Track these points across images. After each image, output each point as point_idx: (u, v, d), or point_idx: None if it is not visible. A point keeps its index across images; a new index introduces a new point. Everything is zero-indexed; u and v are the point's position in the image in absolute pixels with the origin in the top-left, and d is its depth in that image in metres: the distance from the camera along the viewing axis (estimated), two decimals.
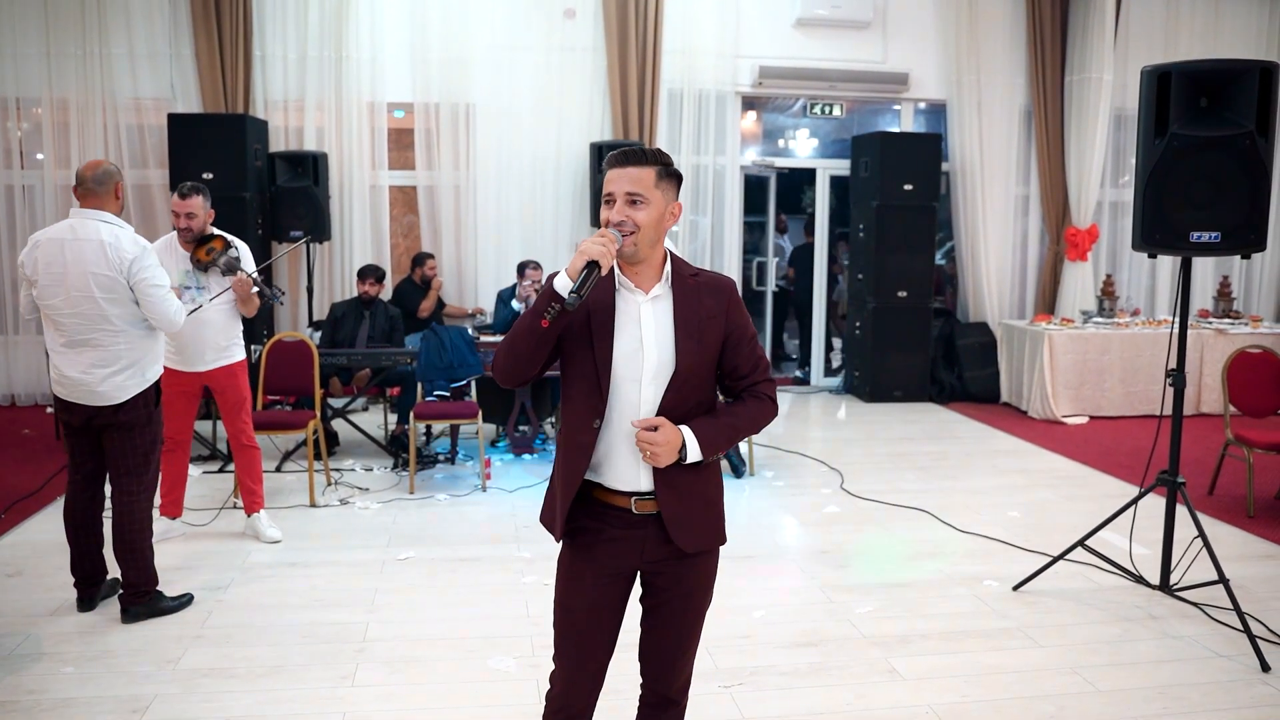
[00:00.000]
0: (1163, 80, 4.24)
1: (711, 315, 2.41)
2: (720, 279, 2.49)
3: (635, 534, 2.41)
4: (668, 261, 2.44)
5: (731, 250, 9.50)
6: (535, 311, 2.30)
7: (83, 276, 4.01)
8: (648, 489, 2.39)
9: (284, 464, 6.75)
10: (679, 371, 2.37)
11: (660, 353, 2.37)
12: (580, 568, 2.45)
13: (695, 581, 2.50)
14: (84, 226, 4.05)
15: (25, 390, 8.70)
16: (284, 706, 3.52)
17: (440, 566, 4.96)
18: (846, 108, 9.75)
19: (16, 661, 3.82)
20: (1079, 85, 9.38)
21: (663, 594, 2.49)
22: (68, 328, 4.06)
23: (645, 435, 2.32)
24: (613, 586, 2.46)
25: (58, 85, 8.33)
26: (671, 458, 2.34)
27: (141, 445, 4.21)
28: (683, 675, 2.59)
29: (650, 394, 2.37)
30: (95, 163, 4.17)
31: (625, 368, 2.37)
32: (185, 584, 4.60)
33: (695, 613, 2.52)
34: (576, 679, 2.50)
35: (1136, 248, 4.40)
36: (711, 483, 2.49)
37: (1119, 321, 8.90)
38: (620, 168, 2.36)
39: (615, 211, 2.34)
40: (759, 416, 2.49)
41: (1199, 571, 4.54)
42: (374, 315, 7.30)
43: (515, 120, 8.87)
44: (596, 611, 2.45)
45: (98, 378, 4.07)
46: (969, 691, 3.69)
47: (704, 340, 2.40)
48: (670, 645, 2.53)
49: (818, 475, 6.80)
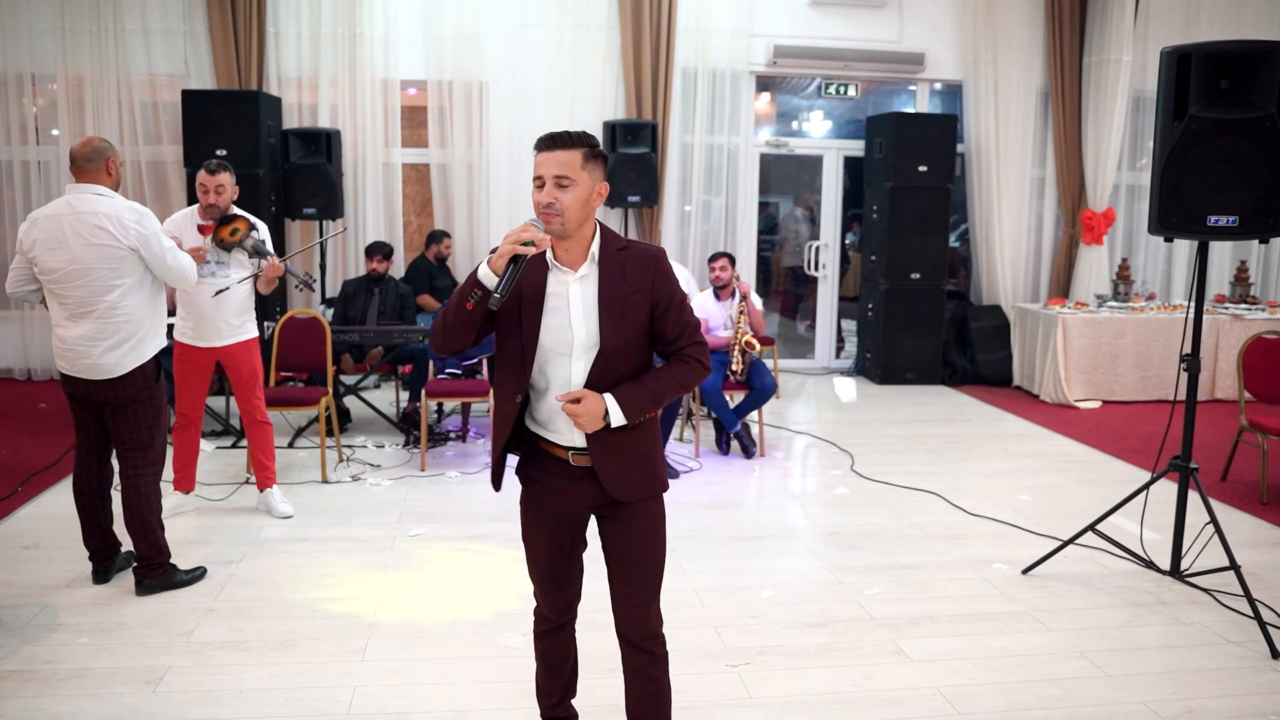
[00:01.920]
0: (1183, 61, 4.19)
1: (635, 290, 2.57)
2: (649, 250, 2.64)
3: (576, 484, 2.66)
4: (596, 239, 2.59)
5: (747, 231, 9.46)
6: (461, 293, 2.50)
7: (84, 249, 4.03)
8: (582, 445, 2.62)
9: (296, 440, 6.78)
10: (603, 348, 2.56)
11: (588, 330, 2.56)
12: (533, 512, 2.74)
13: (643, 526, 2.69)
14: (81, 201, 4.07)
15: (42, 365, 8.75)
16: (295, 680, 3.55)
17: (450, 543, 4.99)
18: (861, 88, 9.69)
19: (34, 632, 3.86)
20: (1098, 66, 9.30)
21: (615, 539, 2.70)
22: (70, 301, 4.09)
23: (569, 408, 2.52)
24: (563, 528, 2.72)
25: (72, 62, 8.34)
26: (597, 424, 2.54)
27: (145, 420, 4.23)
28: (649, 625, 2.75)
29: (579, 367, 2.57)
30: (87, 140, 4.19)
31: (555, 344, 2.57)
32: (198, 558, 4.63)
33: (650, 560, 2.71)
34: (555, 602, 2.81)
35: (1153, 231, 4.37)
36: (643, 438, 2.68)
37: (1134, 306, 8.85)
38: (548, 151, 2.49)
39: (545, 194, 2.48)
40: (685, 378, 2.66)
41: (1210, 558, 4.53)
42: (384, 292, 7.30)
43: (528, 98, 8.84)
44: (552, 549, 2.73)
45: (98, 350, 4.09)
46: (976, 674, 3.70)
47: (627, 316, 2.57)
48: (632, 590, 2.70)
49: (828, 456, 6.80)
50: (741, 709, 3.43)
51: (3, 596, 4.11)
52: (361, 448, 6.72)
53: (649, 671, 2.76)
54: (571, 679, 2.99)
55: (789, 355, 10.22)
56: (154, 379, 4.26)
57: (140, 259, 4.16)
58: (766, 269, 11.06)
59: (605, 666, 3.64)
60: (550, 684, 2.95)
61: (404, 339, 6.87)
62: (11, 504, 5.36)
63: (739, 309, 6.65)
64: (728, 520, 5.44)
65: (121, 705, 3.34)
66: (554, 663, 2.92)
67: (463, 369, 6.75)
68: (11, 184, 8.51)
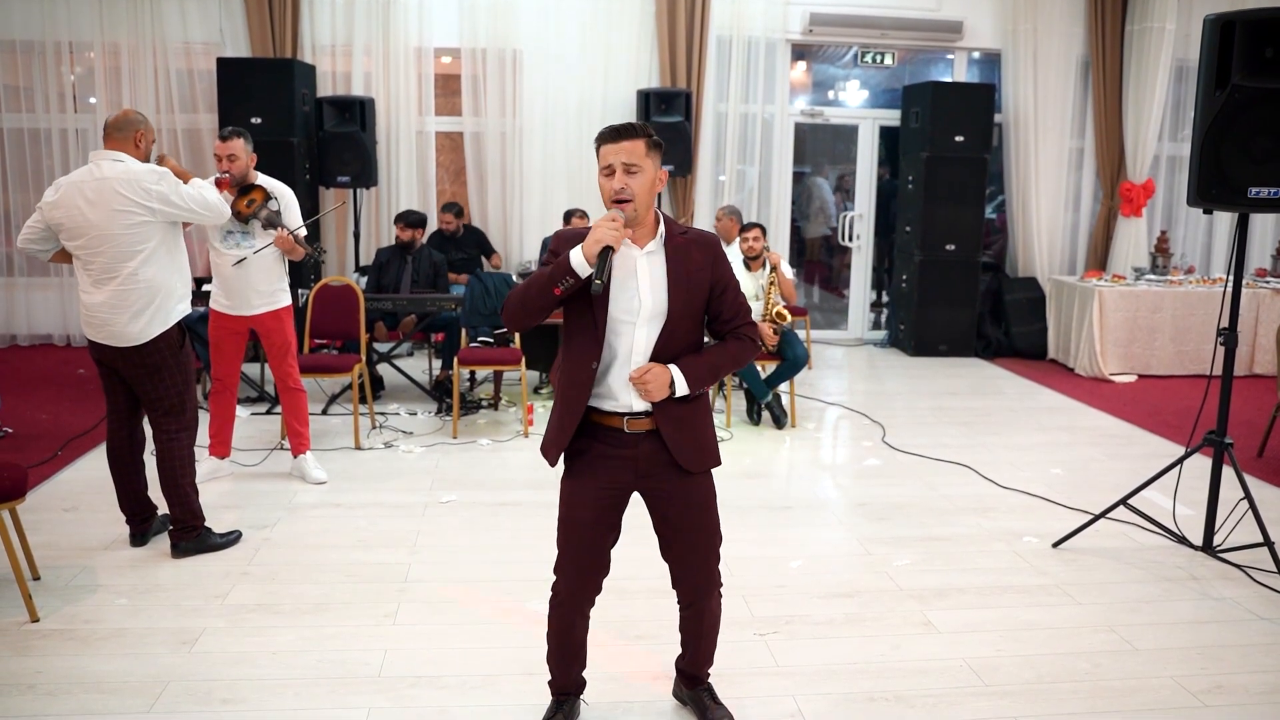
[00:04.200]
0: (1226, 29, 4.10)
1: (699, 268, 2.75)
2: (707, 236, 2.82)
3: (628, 451, 2.77)
4: (660, 222, 2.76)
5: (781, 201, 9.41)
6: (551, 278, 2.63)
7: (106, 215, 4.05)
8: (640, 409, 2.74)
9: (330, 407, 6.85)
10: (670, 317, 2.71)
11: (654, 301, 2.71)
12: (581, 486, 2.81)
13: (700, 497, 2.86)
14: (101, 168, 4.10)
15: (79, 331, 8.84)
16: (328, 643, 3.61)
17: (481, 510, 5.03)
18: (898, 57, 9.57)
19: (74, 592, 3.95)
20: (1140, 35, 9.11)
21: (671, 511, 2.84)
22: (94, 267, 4.12)
23: (639, 376, 2.68)
24: (610, 502, 2.81)
25: (109, 30, 8.40)
26: (663, 393, 2.70)
27: (174, 385, 4.26)
28: (712, 578, 2.96)
29: (643, 336, 2.72)
30: (124, 111, 4.23)
31: (623, 313, 2.71)
32: (233, 522, 4.71)
33: (709, 526, 2.89)
34: (584, 579, 2.88)
35: (1192, 203, 4.30)
36: (701, 411, 2.85)
37: (1172, 279, 8.72)
38: (614, 142, 2.66)
39: (616, 180, 2.65)
40: (740, 354, 2.85)
41: (1243, 534, 4.49)
42: (417, 260, 7.33)
43: (562, 66, 8.80)
44: (598, 519, 2.81)
45: (123, 318, 4.12)
46: (1004, 646, 3.69)
47: (692, 290, 2.74)
48: (696, 559, 2.90)
49: (859, 428, 6.78)
50: (768, 677, 3.45)
51: (44, 558, 4.19)
52: (394, 415, 6.78)
53: (707, 604, 2.99)
54: (581, 650, 3.05)
55: (823, 326, 10.19)
56: (179, 345, 4.29)
57: (164, 223, 4.18)
58: (800, 240, 10.99)
59: (632, 634, 3.68)
60: (560, 653, 3.03)
61: (437, 307, 6.91)
62: (52, 467, 5.46)
63: (770, 280, 6.62)
64: (758, 490, 5.44)
65: (158, 664, 3.41)
66: (566, 641, 3.00)
67: (495, 337, 6.78)
68: (51, 152, 8.61)
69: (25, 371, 7.83)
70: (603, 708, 3.20)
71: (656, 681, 3.37)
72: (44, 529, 4.57)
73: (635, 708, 3.23)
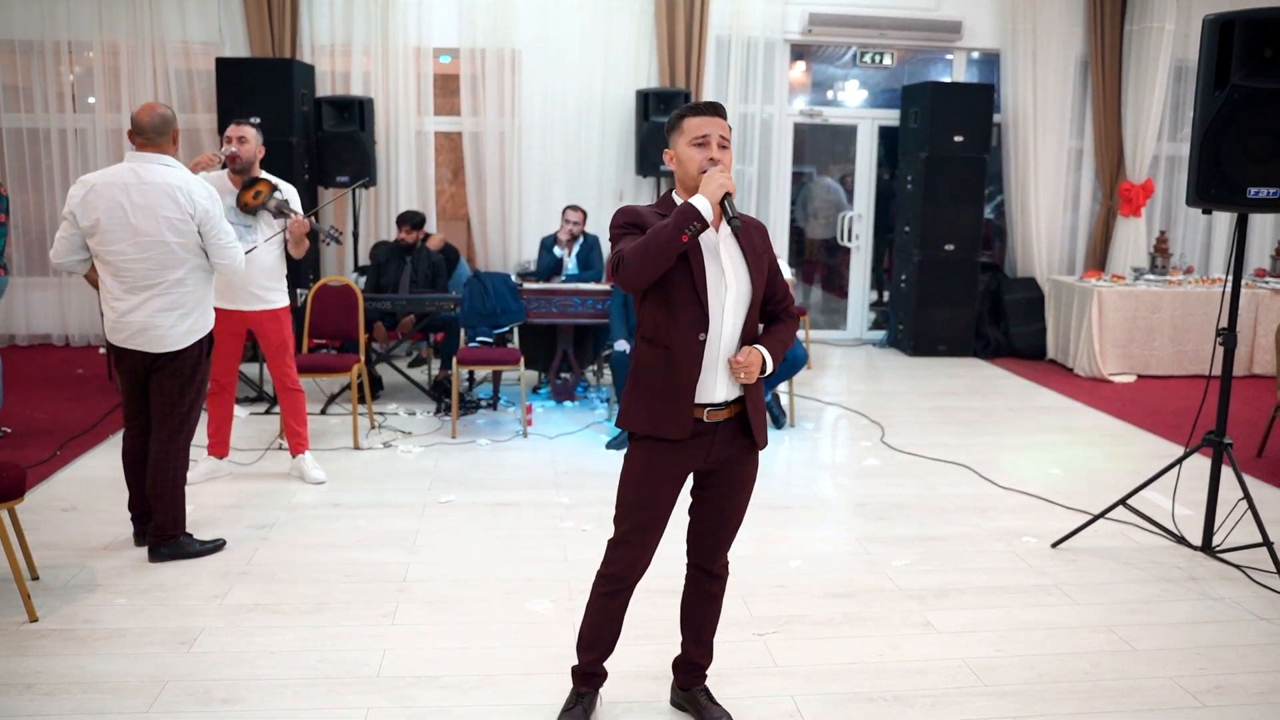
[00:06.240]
0: (1225, 29, 4.11)
1: (762, 250, 2.85)
2: (757, 221, 2.92)
3: (703, 439, 2.83)
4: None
5: (780, 201, 9.40)
6: (677, 226, 2.61)
7: (154, 221, 4.00)
8: (719, 400, 2.81)
9: (329, 407, 6.85)
10: (754, 298, 2.81)
11: (739, 283, 2.78)
12: (654, 470, 2.84)
13: (748, 473, 2.96)
14: (148, 171, 4.02)
15: (79, 331, 8.88)
16: (326, 642, 3.60)
17: (480, 510, 5.03)
18: (897, 57, 9.57)
19: (72, 592, 3.95)
20: (1139, 35, 9.12)
21: (719, 486, 2.94)
22: (133, 274, 4.05)
23: (744, 359, 2.75)
24: (677, 485, 2.89)
25: (108, 30, 8.39)
26: (756, 375, 2.79)
27: (189, 396, 4.24)
28: (726, 553, 3.07)
29: (731, 318, 2.78)
30: (150, 106, 4.10)
31: (712, 295, 2.75)
32: (231, 522, 4.71)
33: (744, 501, 2.99)
34: (640, 560, 2.91)
35: (1191, 203, 4.30)
36: (760, 391, 2.94)
37: (1171, 279, 8.72)
38: (710, 115, 2.77)
39: (714, 148, 2.74)
40: (789, 334, 2.97)
41: (1242, 534, 4.50)
42: (416, 261, 7.33)
43: (561, 66, 8.80)
44: (664, 507, 2.88)
45: (166, 323, 4.09)
46: (1003, 646, 3.69)
47: (764, 272, 2.83)
48: (723, 531, 3.00)
49: (858, 428, 6.78)
50: (767, 677, 3.45)
51: (43, 557, 4.19)
52: (393, 415, 6.78)
53: (711, 589, 3.09)
54: (615, 639, 3.07)
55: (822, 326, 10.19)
56: (206, 353, 4.29)
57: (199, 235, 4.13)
58: (800, 240, 10.98)
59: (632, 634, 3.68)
60: (596, 636, 3.03)
61: (435, 307, 6.90)
62: (50, 467, 5.46)
63: None
64: (757, 490, 5.35)
65: (157, 664, 3.41)
66: (609, 622, 3.02)
67: (494, 337, 6.78)
68: (49, 151, 8.60)
69: (24, 371, 7.83)
70: (603, 707, 3.20)
71: (656, 681, 3.36)
72: (43, 529, 4.56)
73: (635, 708, 3.23)
